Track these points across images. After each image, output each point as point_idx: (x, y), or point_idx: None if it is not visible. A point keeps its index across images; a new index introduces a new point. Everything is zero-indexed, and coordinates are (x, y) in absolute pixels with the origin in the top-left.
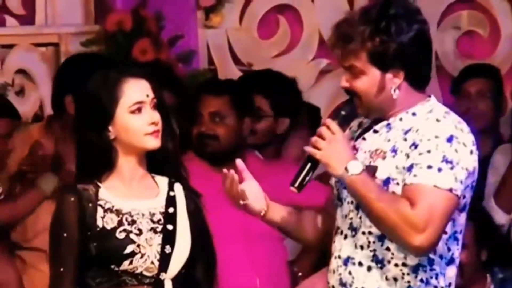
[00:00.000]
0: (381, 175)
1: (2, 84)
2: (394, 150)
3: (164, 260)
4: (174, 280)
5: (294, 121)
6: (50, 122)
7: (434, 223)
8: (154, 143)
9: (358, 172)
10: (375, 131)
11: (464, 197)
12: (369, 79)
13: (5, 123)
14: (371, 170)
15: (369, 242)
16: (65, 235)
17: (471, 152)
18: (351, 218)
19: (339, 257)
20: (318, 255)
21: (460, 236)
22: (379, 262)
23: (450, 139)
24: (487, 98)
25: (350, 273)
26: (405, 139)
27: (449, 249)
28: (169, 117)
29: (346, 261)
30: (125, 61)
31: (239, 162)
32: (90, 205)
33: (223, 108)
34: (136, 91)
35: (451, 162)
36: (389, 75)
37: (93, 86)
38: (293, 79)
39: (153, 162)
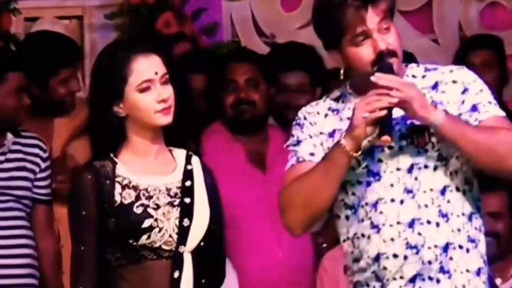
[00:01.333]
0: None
1: None
2: (438, 103)
3: (183, 233)
4: (194, 253)
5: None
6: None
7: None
8: (164, 120)
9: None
10: None
11: None
12: (395, 30)
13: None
14: (422, 130)
15: (432, 199)
16: (83, 213)
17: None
18: (404, 183)
19: (399, 223)
20: None
21: None
22: (445, 216)
23: (479, 79)
24: (492, 69)
25: (419, 233)
26: (443, 92)
27: None
28: (185, 89)
29: (411, 224)
30: (148, 33)
31: None
32: (108, 182)
33: (257, 74)
34: (144, 69)
35: (495, 98)
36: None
37: (101, 64)
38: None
39: (170, 135)
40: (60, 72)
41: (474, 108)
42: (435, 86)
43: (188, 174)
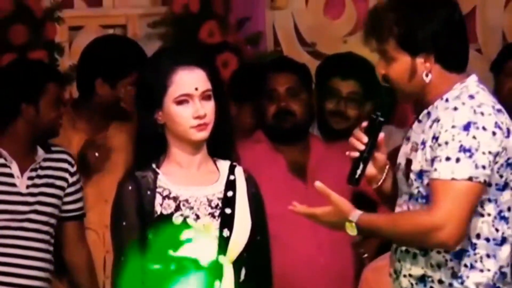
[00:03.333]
0: (415, 167)
1: (71, 66)
2: (423, 143)
3: (222, 244)
4: (236, 263)
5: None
6: (78, 105)
7: (454, 217)
8: (198, 135)
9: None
10: (419, 121)
11: (501, 176)
12: (400, 65)
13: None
14: (409, 163)
15: None
16: (124, 223)
17: (494, 133)
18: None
19: (392, 245)
20: None
21: (508, 214)
22: (423, 249)
23: (467, 127)
24: None
25: (399, 260)
26: (430, 128)
27: (497, 230)
28: (225, 105)
29: (395, 249)
30: (191, 43)
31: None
32: (149, 192)
33: (298, 84)
34: (185, 83)
35: (469, 150)
36: (419, 60)
37: (145, 71)
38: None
39: (214, 146)
40: (129, 75)
41: (432, 162)
42: (434, 121)
43: (230, 185)
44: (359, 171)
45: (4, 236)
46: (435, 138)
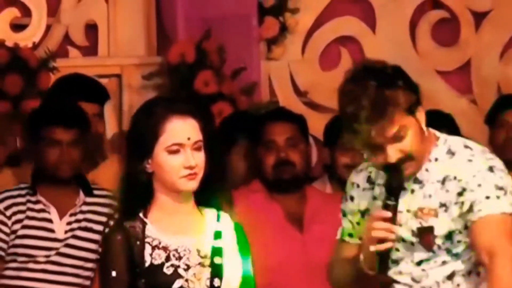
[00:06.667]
0: (441, 231)
1: None
2: (443, 205)
3: None
4: None
5: None
6: None
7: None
8: (187, 185)
9: None
10: (404, 189)
11: None
12: (413, 131)
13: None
14: (428, 231)
15: (437, 282)
16: (113, 274)
17: (506, 173)
18: (411, 273)
19: None
20: None
21: None
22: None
23: (491, 169)
24: None
25: None
26: (447, 191)
27: None
28: (218, 155)
29: None
30: (186, 93)
31: None
32: (138, 242)
33: (297, 134)
34: (177, 132)
35: (502, 189)
36: (418, 114)
37: (138, 117)
38: None
39: (200, 196)
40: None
41: (470, 209)
42: (443, 182)
43: (218, 234)
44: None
45: (42, 280)
46: (463, 190)
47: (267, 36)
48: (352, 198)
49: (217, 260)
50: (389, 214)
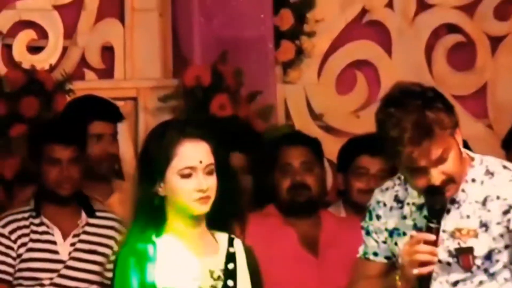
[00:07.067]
0: (481, 252)
1: None
2: (484, 225)
3: None
4: None
5: None
6: None
7: None
8: (200, 209)
9: None
10: (447, 211)
11: None
12: (454, 152)
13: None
14: (467, 252)
15: None
16: None
17: None
18: None
19: None
20: None
21: None
22: None
23: None
24: None
25: None
26: (489, 210)
27: None
28: (231, 179)
29: None
30: (202, 116)
31: None
32: (150, 264)
33: (312, 158)
34: (189, 155)
35: None
36: (457, 136)
37: (150, 141)
38: None
39: (212, 219)
40: None
41: (502, 236)
42: (484, 202)
43: (230, 257)
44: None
45: None
46: (507, 211)
47: (283, 60)
48: (378, 217)
49: (230, 282)
50: (433, 237)
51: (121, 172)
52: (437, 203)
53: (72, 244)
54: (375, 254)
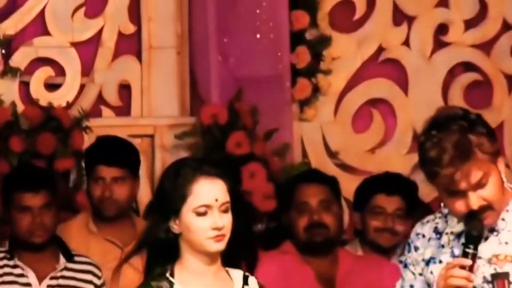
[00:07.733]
0: None
1: None
2: None
3: None
4: None
5: None
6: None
7: None
8: (215, 246)
9: None
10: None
11: None
12: (495, 179)
13: None
14: (504, 277)
15: None
16: None
17: None
18: None
19: None
20: None
21: None
22: None
23: None
24: None
25: None
26: None
27: None
28: (245, 216)
29: None
30: (219, 154)
31: None
32: None
33: (330, 196)
34: (205, 193)
35: None
36: (499, 164)
37: (166, 177)
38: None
39: (227, 257)
40: None
41: None
42: None
43: None
44: None
45: None
46: None
47: (300, 97)
48: (416, 248)
49: None
50: (469, 261)
51: (138, 210)
52: (474, 228)
53: (50, 286)
54: (411, 286)
